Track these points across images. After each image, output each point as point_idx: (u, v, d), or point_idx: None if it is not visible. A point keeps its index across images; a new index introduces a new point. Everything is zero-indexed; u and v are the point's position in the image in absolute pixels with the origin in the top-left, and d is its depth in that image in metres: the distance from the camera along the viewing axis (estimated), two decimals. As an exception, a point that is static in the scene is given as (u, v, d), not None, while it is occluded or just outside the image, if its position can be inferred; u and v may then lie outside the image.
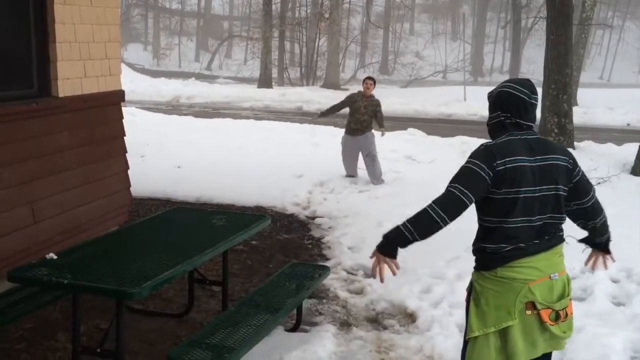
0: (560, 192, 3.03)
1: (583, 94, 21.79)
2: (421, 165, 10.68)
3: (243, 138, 12.58)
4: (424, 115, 19.87)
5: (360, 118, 9.34)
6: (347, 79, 32.79)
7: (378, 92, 10.01)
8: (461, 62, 33.09)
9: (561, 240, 3.11)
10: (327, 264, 5.94)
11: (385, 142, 10.14)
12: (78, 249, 4.08)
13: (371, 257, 3.08)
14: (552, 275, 3.00)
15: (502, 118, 3.09)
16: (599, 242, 3.33)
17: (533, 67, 37.19)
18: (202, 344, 3.68)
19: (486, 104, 3.28)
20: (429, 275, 5.62)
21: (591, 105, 20.44)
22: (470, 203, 2.96)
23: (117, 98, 6.16)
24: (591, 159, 10.26)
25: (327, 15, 28.73)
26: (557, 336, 3.05)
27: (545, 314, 2.97)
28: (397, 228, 3.01)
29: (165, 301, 5.18)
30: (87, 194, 5.72)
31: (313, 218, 7.74)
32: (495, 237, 3.00)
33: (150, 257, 3.92)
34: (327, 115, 10.02)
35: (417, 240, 2.99)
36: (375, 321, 4.99)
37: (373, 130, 9.48)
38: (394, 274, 3.05)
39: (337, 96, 22.42)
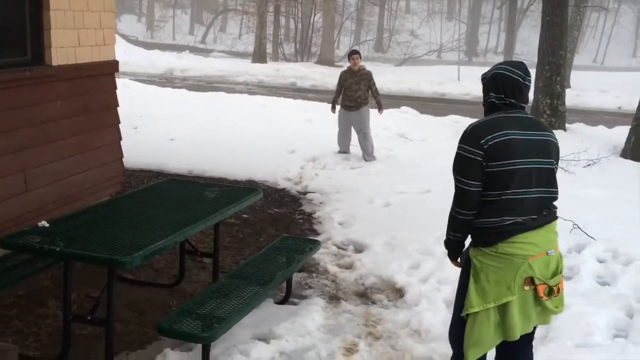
0: (554, 167, 3.12)
1: (576, 77, 21.81)
2: (413, 143, 10.70)
3: (236, 112, 12.52)
4: (417, 93, 19.85)
5: (354, 95, 9.25)
6: (341, 56, 32.56)
7: (372, 70, 9.96)
8: (456, 41, 33.10)
9: (555, 217, 3.17)
10: (318, 238, 5.97)
11: (378, 120, 10.13)
12: (70, 217, 4.09)
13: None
14: (549, 252, 3.07)
15: (494, 99, 3.16)
16: None
17: (527, 49, 37.04)
18: (193, 313, 3.71)
19: (480, 85, 3.32)
20: (417, 251, 5.66)
21: (584, 87, 20.46)
22: (477, 187, 3.04)
23: (111, 68, 6.11)
24: (582, 140, 10.30)
25: (323, -9, 28.50)
26: (549, 310, 3.13)
27: (541, 290, 3.05)
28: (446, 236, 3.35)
29: (156, 272, 5.21)
30: (80, 164, 5.71)
31: (305, 193, 7.76)
32: (495, 210, 3.03)
33: (142, 227, 3.93)
34: (337, 102, 9.66)
35: (459, 238, 3.27)
36: (364, 295, 5.03)
37: (369, 107, 9.44)
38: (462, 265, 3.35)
39: (331, 72, 22.49)
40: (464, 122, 12.40)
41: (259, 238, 6.17)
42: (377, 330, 4.41)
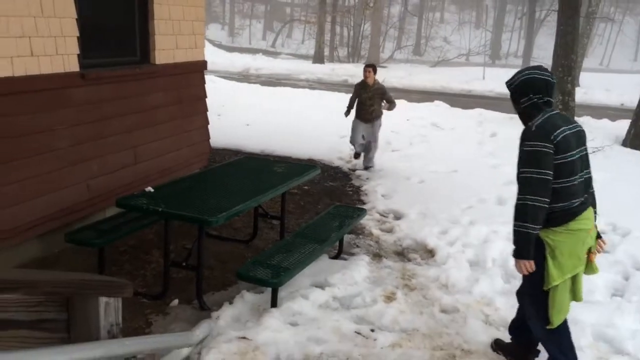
0: (587, 152, 3.05)
1: (585, 77, 20.86)
2: (444, 131, 10.49)
3: (299, 104, 12.54)
4: (448, 90, 19.38)
5: (368, 109, 7.50)
6: (385, 58, 32.13)
7: (411, 71, 9.77)
8: (482, 47, 32.11)
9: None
10: (365, 207, 5.96)
11: (414, 112, 9.95)
12: (169, 185, 4.20)
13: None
14: (595, 224, 3.07)
15: (536, 99, 2.98)
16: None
17: (544, 53, 35.58)
18: (264, 263, 3.77)
19: (501, 83, 3.18)
20: (446, 220, 5.60)
21: (591, 86, 19.59)
22: (552, 176, 2.85)
23: (201, 66, 6.19)
24: (589, 131, 9.89)
25: (371, 4, 28.00)
26: (592, 271, 3.10)
27: (592, 256, 3.06)
28: (515, 233, 2.90)
29: (235, 230, 5.31)
30: (176, 143, 5.83)
31: (354, 170, 7.73)
32: (565, 195, 2.91)
33: (225, 194, 4.01)
34: (351, 109, 7.72)
35: (535, 229, 2.85)
36: (402, 254, 5.02)
37: (381, 120, 7.71)
38: (532, 269, 2.93)
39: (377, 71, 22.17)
40: (487, 114, 12.13)
41: (317, 206, 6.20)
42: (411, 283, 4.40)
